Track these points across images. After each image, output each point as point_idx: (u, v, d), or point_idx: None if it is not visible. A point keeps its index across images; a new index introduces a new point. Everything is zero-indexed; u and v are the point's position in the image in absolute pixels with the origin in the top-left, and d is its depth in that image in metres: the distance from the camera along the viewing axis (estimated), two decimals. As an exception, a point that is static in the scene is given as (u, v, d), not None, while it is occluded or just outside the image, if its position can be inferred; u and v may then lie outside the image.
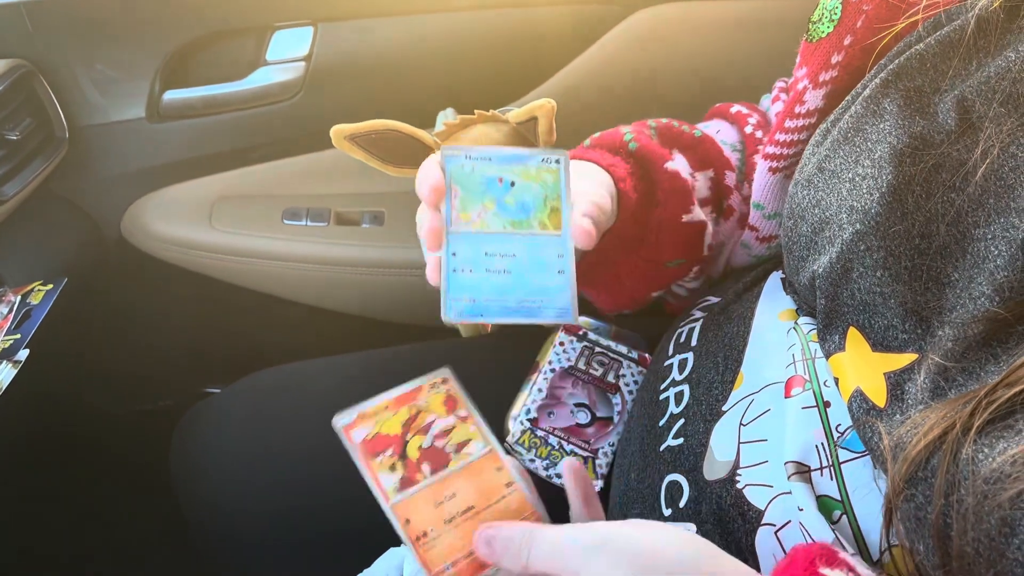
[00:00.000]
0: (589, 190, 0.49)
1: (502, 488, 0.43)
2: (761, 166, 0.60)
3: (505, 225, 0.47)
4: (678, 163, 0.60)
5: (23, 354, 0.76)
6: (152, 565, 1.04)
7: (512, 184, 0.47)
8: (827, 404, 0.45)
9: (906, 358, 0.42)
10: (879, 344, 0.43)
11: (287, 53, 1.02)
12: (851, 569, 0.36)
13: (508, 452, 0.63)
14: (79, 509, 1.07)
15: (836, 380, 0.45)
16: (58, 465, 1.05)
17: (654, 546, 0.36)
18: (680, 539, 0.37)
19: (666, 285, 0.64)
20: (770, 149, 0.59)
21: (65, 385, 1.08)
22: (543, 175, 0.47)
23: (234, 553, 0.75)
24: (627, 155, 0.57)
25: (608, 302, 0.70)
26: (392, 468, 0.43)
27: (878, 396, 0.42)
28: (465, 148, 0.48)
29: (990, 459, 0.34)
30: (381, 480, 0.42)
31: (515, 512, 0.42)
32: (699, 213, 0.59)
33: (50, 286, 0.85)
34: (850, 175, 0.46)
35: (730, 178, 0.62)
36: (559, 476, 0.62)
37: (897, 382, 0.41)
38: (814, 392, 0.46)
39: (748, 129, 0.66)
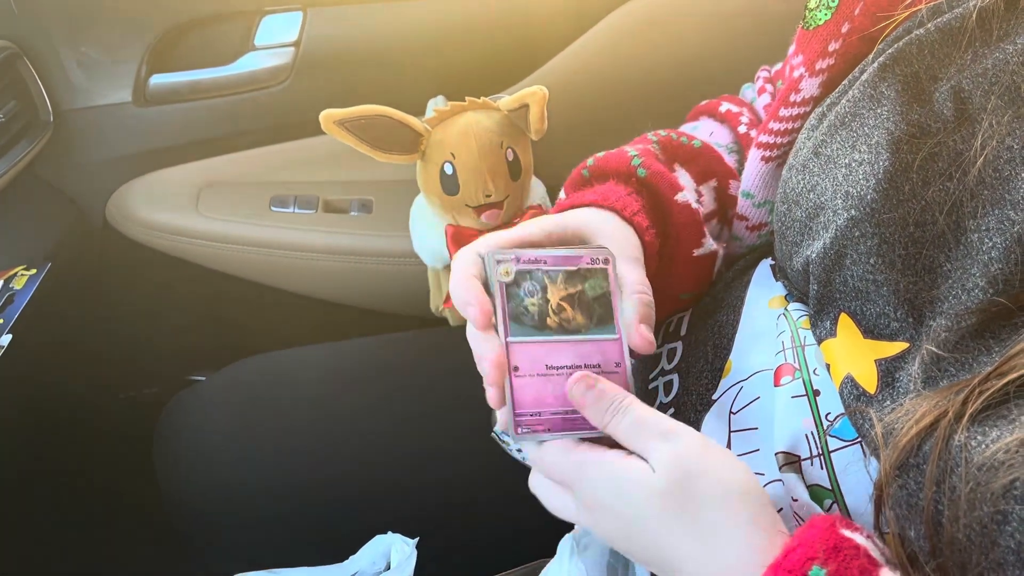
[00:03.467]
0: (637, 283, 0.48)
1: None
2: (753, 155, 0.60)
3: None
4: (683, 180, 0.59)
5: (6, 339, 0.75)
6: (136, 553, 1.04)
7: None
8: (816, 392, 0.45)
9: (897, 346, 0.42)
10: (870, 331, 0.43)
11: (276, 38, 1.01)
12: (869, 536, 0.37)
13: (497, 443, 0.63)
14: (62, 496, 1.06)
15: (827, 366, 0.45)
16: (41, 452, 1.04)
17: (718, 463, 0.40)
18: (743, 473, 0.40)
19: (677, 311, 0.64)
20: (763, 138, 0.59)
21: (48, 371, 1.07)
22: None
23: (218, 541, 0.75)
24: (638, 185, 0.56)
25: None
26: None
27: (869, 382, 0.42)
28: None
29: (983, 447, 0.34)
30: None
31: None
32: (710, 244, 0.58)
33: (33, 271, 0.84)
34: (846, 160, 0.46)
35: (734, 187, 0.62)
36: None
37: (888, 369, 0.42)
38: (803, 381, 0.46)
39: (742, 129, 0.66)
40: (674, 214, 0.56)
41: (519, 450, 0.63)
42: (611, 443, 0.42)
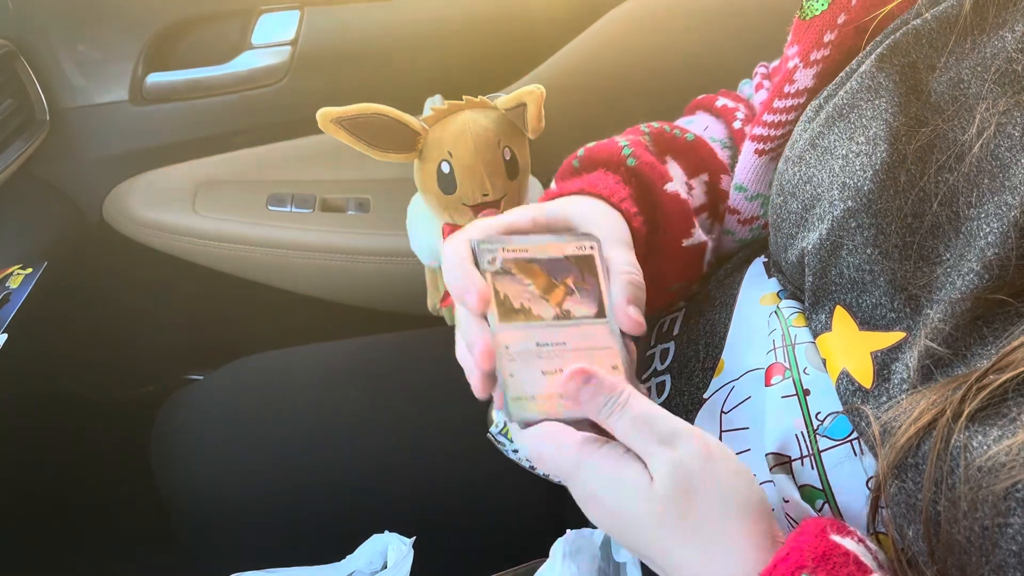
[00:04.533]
0: (625, 265, 0.48)
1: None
2: (747, 148, 0.60)
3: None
4: (674, 172, 0.59)
5: (1, 338, 0.75)
6: (134, 551, 1.04)
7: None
8: (807, 392, 0.45)
9: (893, 336, 0.42)
10: (866, 323, 0.43)
11: (273, 37, 1.01)
12: (861, 540, 0.37)
13: (493, 443, 0.63)
14: (59, 496, 1.06)
15: (823, 361, 0.45)
16: (38, 451, 1.04)
17: (718, 452, 0.39)
18: (747, 481, 0.39)
19: (667, 305, 0.63)
20: (757, 130, 0.59)
21: (45, 370, 1.07)
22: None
23: (216, 540, 0.75)
24: (627, 175, 0.56)
25: None
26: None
27: (864, 377, 0.42)
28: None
29: (984, 447, 0.33)
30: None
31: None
32: (699, 235, 0.58)
33: (29, 270, 0.84)
34: (843, 151, 0.46)
35: (725, 182, 0.62)
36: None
37: (884, 362, 0.41)
38: (794, 380, 0.46)
39: (737, 124, 0.66)
40: (663, 204, 0.56)
41: (515, 451, 0.63)
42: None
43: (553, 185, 0.59)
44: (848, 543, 0.36)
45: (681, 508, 0.37)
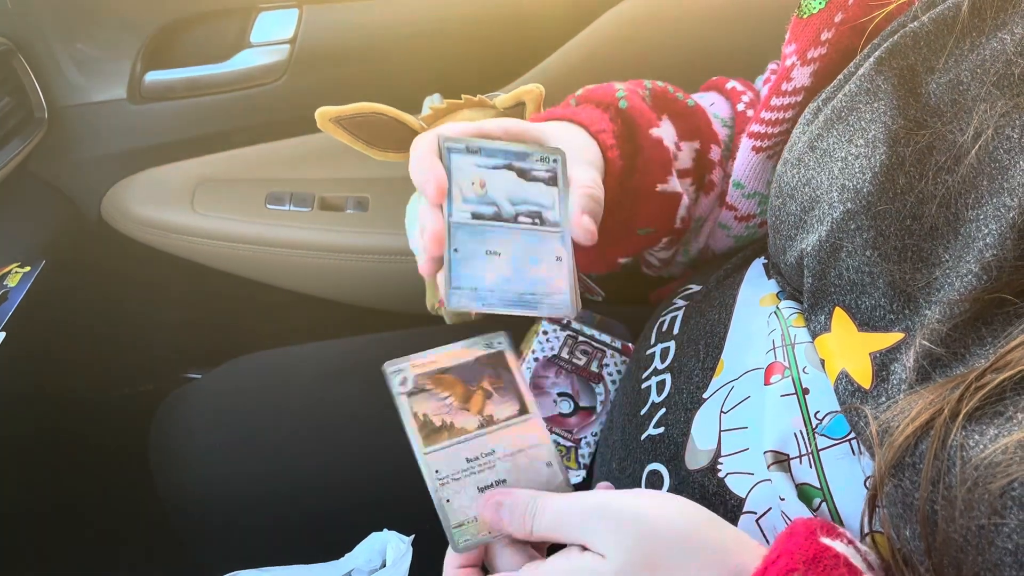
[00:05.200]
0: (586, 179, 0.49)
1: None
2: (745, 144, 0.60)
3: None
4: (664, 130, 0.60)
5: (0, 336, 0.75)
6: (131, 550, 1.04)
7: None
8: (806, 391, 0.45)
9: (892, 337, 0.42)
10: (865, 324, 0.43)
11: (271, 35, 1.00)
12: (851, 541, 0.37)
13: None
14: (56, 495, 1.06)
15: (822, 362, 0.45)
16: (35, 450, 1.04)
17: (655, 512, 0.38)
18: (680, 506, 0.39)
19: (635, 252, 0.64)
20: (755, 128, 0.59)
21: (43, 369, 1.07)
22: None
23: (214, 538, 0.75)
24: (615, 114, 0.56)
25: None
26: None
27: (863, 377, 0.42)
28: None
29: (980, 446, 0.34)
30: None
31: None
32: (675, 184, 0.58)
33: (28, 268, 0.84)
34: (842, 154, 0.46)
35: (715, 152, 0.62)
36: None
37: (883, 363, 0.41)
38: (793, 379, 0.46)
39: (740, 107, 0.66)
40: (645, 148, 0.57)
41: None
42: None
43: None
44: (838, 545, 0.36)
45: (646, 565, 0.37)
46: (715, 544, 0.37)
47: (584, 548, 0.39)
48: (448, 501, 0.43)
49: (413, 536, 0.62)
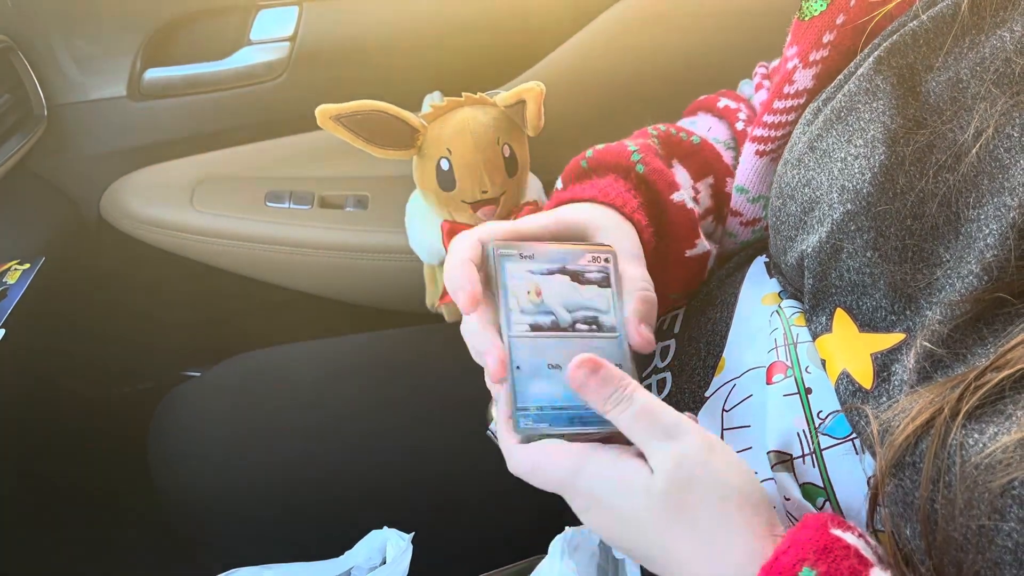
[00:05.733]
0: (638, 279, 0.48)
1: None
2: (748, 149, 0.60)
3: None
4: (680, 176, 0.59)
5: (-1, 334, 0.75)
6: (130, 547, 1.04)
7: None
8: (808, 390, 0.45)
9: (893, 338, 0.42)
10: (866, 324, 0.43)
11: (271, 33, 1.00)
12: (861, 535, 0.37)
13: (492, 440, 0.63)
14: (56, 491, 1.06)
15: (823, 362, 0.45)
16: (35, 447, 1.04)
17: (722, 466, 0.39)
18: (746, 478, 0.40)
19: (667, 310, 0.63)
20: (758, 132, 0.59)
21: (42, 366, 1.07)
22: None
23: (214, 536, 0.75)
24: (637, 182, 0.56)
25: None
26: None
27: (864, 378, 0.42)
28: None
29: (980, 445, 0.34)
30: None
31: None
32: (704, 244, 0.58)
33: (27, 265, 0.84)
34: (842, 154, 0.46)
35: (730, 185, 0.62)
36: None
37: (884, 363, 0.42)
38: (795, 379, 0.46)
39: (739, 125, 0.66)
40: (670, 213, 0.56)
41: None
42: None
43: (560, 185, 0.59)
44: (849, 537, 0.36)
45: (680, 500, 0.38)
46: (747, 527, 0.38)
47: (640, 455, 0.39)
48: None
49: (413, 534, 0.62)
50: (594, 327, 0.46)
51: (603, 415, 0.41)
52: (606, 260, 0.47)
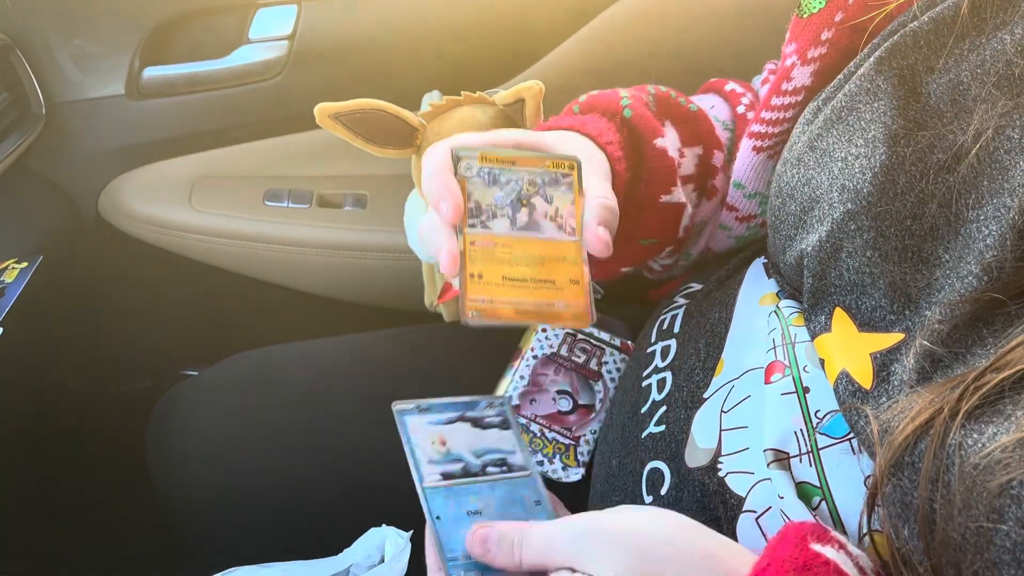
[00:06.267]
0: (600, 191, 0.48)
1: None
2: (745, 144, 0.60)
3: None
4: (668, 138, 0.60)
5: (-4, 333, 0.75)
6: (129, 546, 1.04)
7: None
8: (806, 390, 0.45)
9: (893, 338, 0.42)
10: (866, 324, 0.43)
11: (270, 31, 1.00)
12: (842, 546, 0.37)
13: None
14: (54, 490, 1.06)
15: (822, 362, 0.45)
16: (33, 446, 1.04)
17: (645, 526, 0.38)
18: (667, 518, 0.39)
19: (638, 262, 0.64)
20: (755, 128, 0.59)
21: (40, 365, 1.07)
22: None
23: (212, 535, 0.75)
24: (621, 123, 0.56)
25: None
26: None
27: (864, 378, 0.42)
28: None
29: (979, 445, 0.34)
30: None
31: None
32: (679, 195, 0.58)
33: (25, 264, 0.84)
34: (842, 154, 0.46)
35: (718, 158, 0.62)
36: (539, 464, 0.62)
37: (884, 363, 0.42)
38: (793, 378, 0.46)
39: (740, 109, 0.66)
40: (649, 157, 0.56)
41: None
42: None
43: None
44: (829, 551, 0.36)
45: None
46: (706, 553, 0.37)
47: (573, 571, 0.38)
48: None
49: (412, 532, 0.62)
50: (504, 468, 0.47)
51: (517, 570, 0.41)
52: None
